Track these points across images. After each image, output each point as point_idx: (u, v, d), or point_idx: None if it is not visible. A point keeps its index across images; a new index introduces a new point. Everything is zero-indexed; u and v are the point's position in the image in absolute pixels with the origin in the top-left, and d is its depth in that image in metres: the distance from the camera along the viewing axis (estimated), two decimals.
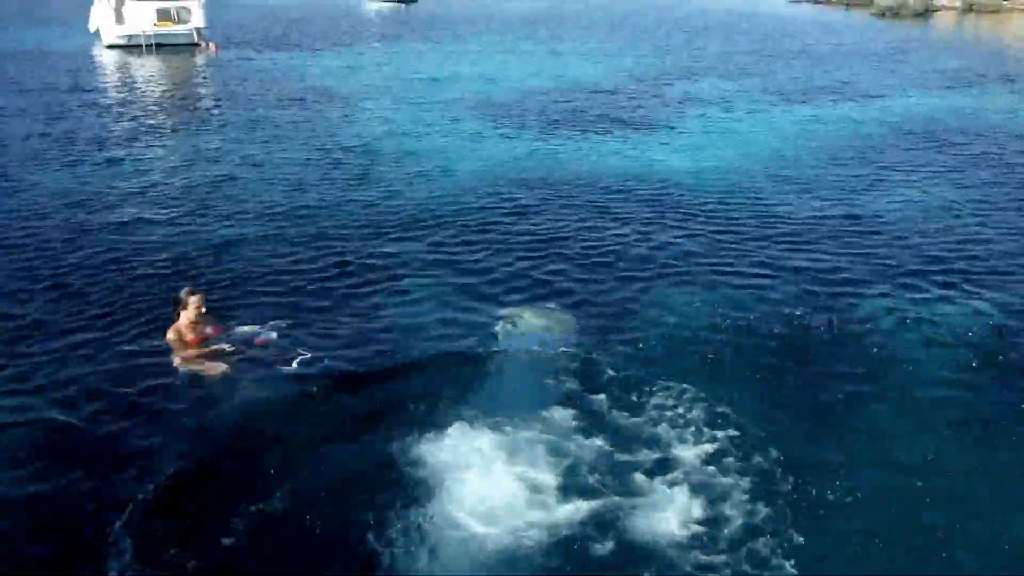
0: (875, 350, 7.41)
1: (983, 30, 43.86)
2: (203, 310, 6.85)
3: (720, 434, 5.97)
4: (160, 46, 29.81)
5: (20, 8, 51.88)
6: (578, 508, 5.27)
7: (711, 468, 5.64)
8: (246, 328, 7.18)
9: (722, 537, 5.03)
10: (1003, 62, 29.63)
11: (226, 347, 6.84)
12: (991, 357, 7.31)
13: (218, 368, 6.68)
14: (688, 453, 5.81)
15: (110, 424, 6.12)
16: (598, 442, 5.91)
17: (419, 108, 19.23)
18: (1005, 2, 53.63)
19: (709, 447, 5.85)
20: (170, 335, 6.85)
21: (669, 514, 5.22)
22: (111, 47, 30.05)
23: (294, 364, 6.78)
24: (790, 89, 22.67)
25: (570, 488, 5.44)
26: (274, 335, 7.10)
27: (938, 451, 5.95)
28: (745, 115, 18.85)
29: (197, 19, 31.03)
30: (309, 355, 6.88)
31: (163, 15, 30.60)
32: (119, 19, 30.12)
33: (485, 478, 5.51)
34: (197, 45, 30.41)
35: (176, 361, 6.75)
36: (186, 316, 6.78)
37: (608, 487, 5.46)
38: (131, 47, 29.68)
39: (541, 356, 7.19)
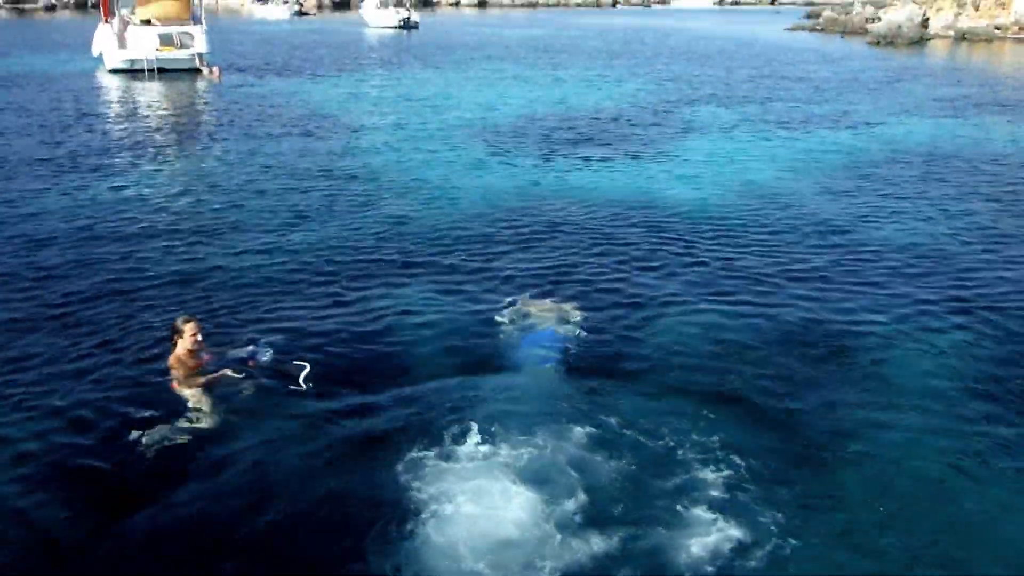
0: (879, 378, 7.43)
1: (976, 59, 44.35)
2: (199, 337, 6.88)
3: (726, 459, 5.98)
4: (162, 71, 30.02)
5: (25, 33, 52.29)
6: (588, 536, 5.23)
7: (717, 493, 5.63)
8: (244, 352, 7.20)
9: (729, 565, 5.01)
10: (997, 90, 29.95)
11: (228, 372, 6.91)
12: (994, 385, 7.33)
13: (216, 393, 6.73)
14: (696, 477, 5.80)
15: (109, 450, 6.12)
16: (606, 464, 5.91)
17: (420, 134, 19.37)
18: (997, 31, 54.30)
19: (717, 473, 5.84)
20: (171, 362, 6.89)
21: (685, 540, 5.20)
22: (114, 71, 30.26)
23: (299, 382, 6.84)
24: (790, 116, 22.89)
25: (582, 513, 5.42)
26: (267, 357, 7.10)
27: (947, 481, 5.97)
28: (745, 143, 19.01)
29: (199, 45, 31.27)
30: (303, 377, 6.89)
31: (165, 40, 30.84)
32: (122, 44, 30.35)
33: (491, 503, 5.48)
34: (199, 70, 30.60)
35: (176, 387, 6.79)
36: (184, 344, 6.84)
37: (620, 514, 5.45)
38: (134, 71, 29.89)
39: (546, 376, 7.23)
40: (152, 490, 5.70)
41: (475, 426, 6.28)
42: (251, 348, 7.24)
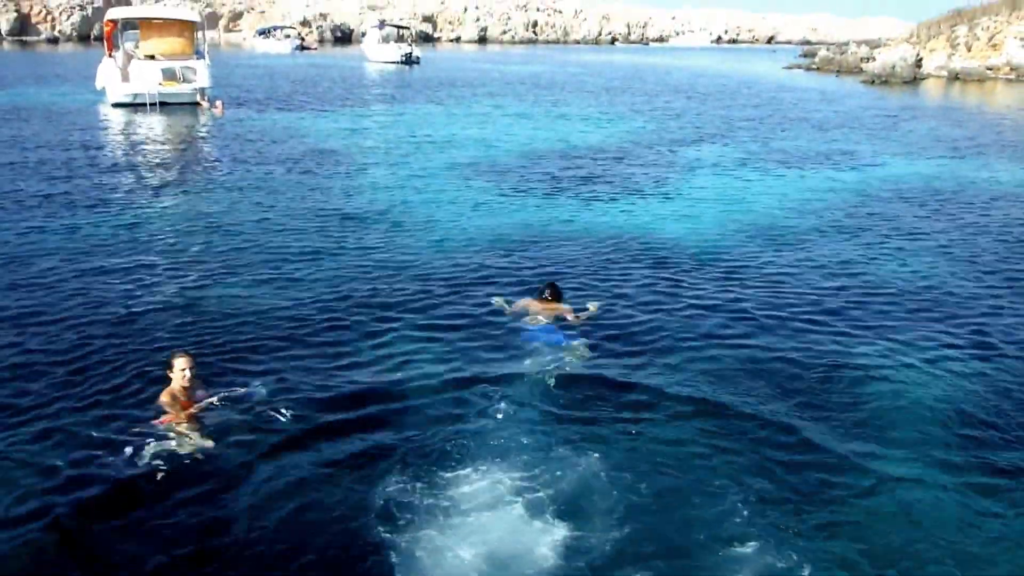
0: (884, 414, 7.47)
1: (970, 98, 44.87)
2: (191, 373, 6.89)
3: (725, 493, 6.08)
4: (164, 104, 30.19)
5: (29, 66, 52.68)
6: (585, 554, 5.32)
7: (719, 528, 5.70)
8: (239, 388, 7.24)
9: None
10: (994, 129, 30.28)
11: (216, 403, 6.94)
12: (1001, 420, 7.39)
13: (210, 429, 6.72)
14: (699, 514, 5.86)
15: (101, 485, 6.05)
16: (601, 487, 6.02)
17: (423, 171, 19.43)
18: (989, 71, 55.03)
19: (718, 507, 5.93)
20: (164, 398, 6.89)
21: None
22: (116, 105, 30.40)
23: (285, 418, 6.89)
24: (791, 155, 23.06)
25: (583, 537, 5.53)
26: (264, 392, 7.19)
27: (955, 514, 6.00)
28: (748, 181, 19.11)
29: (202, 79, 31.45)
30: (289, 414, 6.95)
31: (168, 75, 31.01)
32: (125, 78, 30.54)
33: (490, 535, 5.51)
34: (199, 104, 30.80)
35: (167, 421, 6.76)
36: (177, 379, 6.87)
37: (627, 541, 5.52)
38: (136, 105, 30.04)
39: (542, 411, 7.25)
40: (141, 522, 5.67)
41: (475, 457, 6.38)
42: (245, 390, 7.26)
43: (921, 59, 56.84)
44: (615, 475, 6.19)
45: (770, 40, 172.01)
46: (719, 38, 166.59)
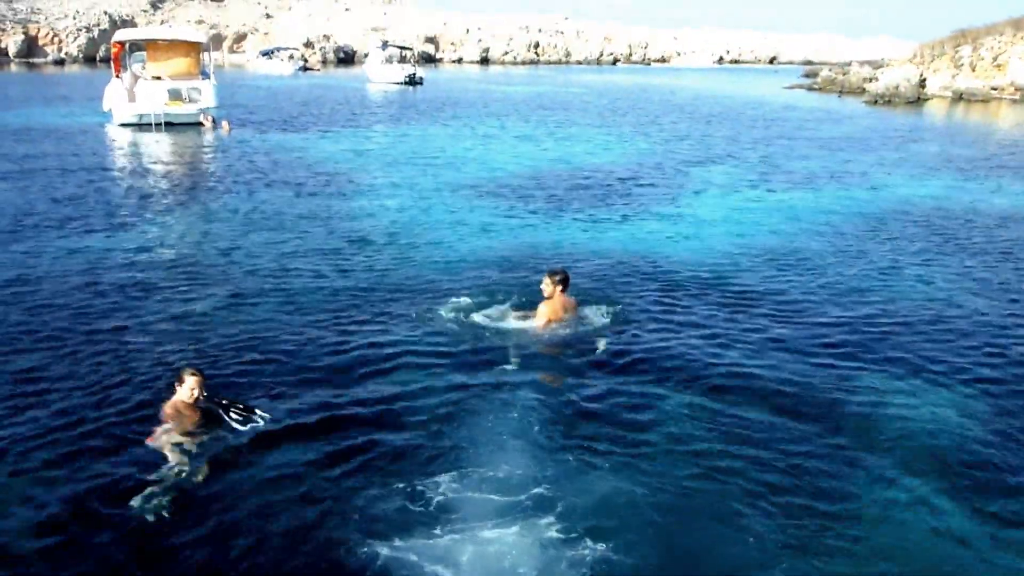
0: (883, 434, 7.40)
1: (975, 118, 44.89)
2: (198, 392, 6.99)
3: (731, 520, 6.05)
4: (169, 124, 30.26)
5: (36, 87, 52.96)
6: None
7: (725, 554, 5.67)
8: (241, 405, 7.20)
9: None
10: (999, 149, 30.21)
11: (219, 415, 6.97)
12: (997, 440, 7.34)
13: (213, 444, 6.76)
14: (705, 540, 5.84)
15: (103, 500, 6.05)
16: (603, 497, 6.13)
17: (427, 192, 19.36)
18: (994, 91, 55.11)
19: (725, 531, 5.91)
20: (168, 411, 6.93)
21: None
22: (123, 125, 30.48)
23: (280, 432, 6.94)
24: (799, 175, 22.98)
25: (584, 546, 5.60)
26: (265, 419, 7.13)
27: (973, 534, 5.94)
28: (753, 201, 19.01)
29: (208, 99, 31.54)
30: (287, 430, 6.99)
31: (174, 95, 31.08)
32: (131, 98, 30.61)
33: (495, 546, 5.58)
34: (202, 124, 30.85)
35: (173, 437, 6.74)
36: (184, 395, 6.94)
37: (627, 554, 5.57)
38: (141, 125, 30.11)
39: (550, 421, 7.32)
40: (145, 537, 5.68)
41: (481, 469, 6.49)
42: (253, 403, 7.31)
43: (925, 79, 56.96)
44: (620, 489, 6.26)
45: (772, 60, 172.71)
46: (721, 58, 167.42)
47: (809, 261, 13.57)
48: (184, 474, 6.34)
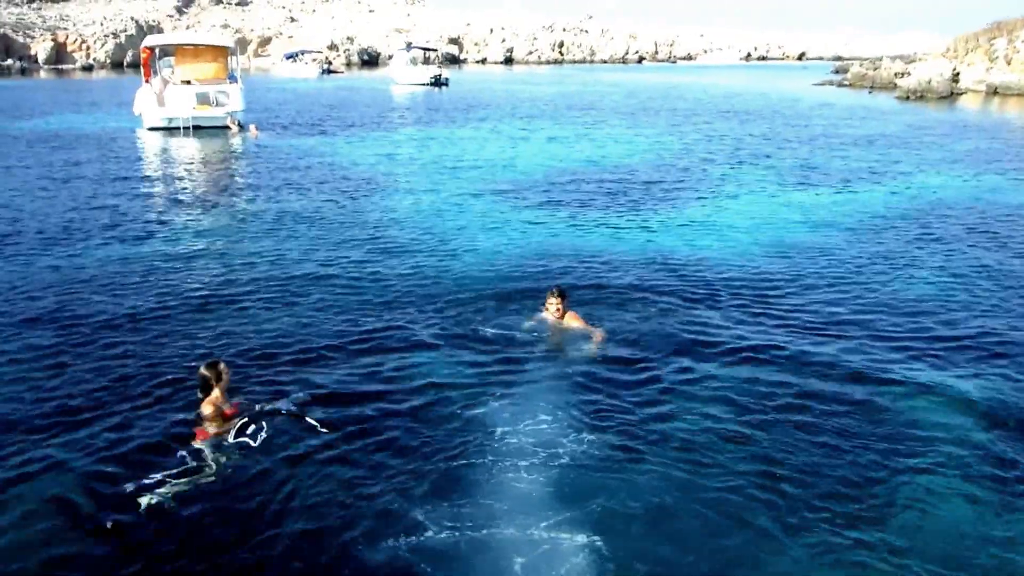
0: (909, 429, 7.29)
1: (1010, 113, 43.89)
2: (228, 379, 7.18)
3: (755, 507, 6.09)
4: (198, 128, 30.41)
5: (66, 93, 53.57)
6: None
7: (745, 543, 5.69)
8: (276, 401, 7.39)
9: None
10: None
11: (256, 411, 7.03)
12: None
13: (249, 438, 6.80)
14: (725, 532, 5.83)
15: (130, 497, 6.08)
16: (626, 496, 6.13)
17: (452, 192, 19.15)
18: None
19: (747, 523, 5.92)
20: (207, 409, 6.96)
21: None
22: (152, 129, 30.66)
23: (318, 428, 7.01)
24: (837, 174, 22.48)
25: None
26: (302, 396, 7.48)
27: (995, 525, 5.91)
28: (793, 202, 18.58)
29: (235, 103, 31.67)
30: (322, 425, 7.06)
31: (202, 99, 31.27)
32: (161, 103, 30.79)
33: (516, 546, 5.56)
34: (228, 127, 30.97)
35: (211, 432, 6.82)
36: (219, 390, 7.03)
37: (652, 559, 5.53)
38: (171, 129, 30.28)
39: (567, 420, 7.29)
40: (178, 538, 5.70)
41: (501, 465, 6.51)
42: (285, 396, 7.46)
43: (958, 73, 55.87)
44: (641, 492, 6.22)
45: (801, 56, 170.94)
46: (748, 55, 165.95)
47: (849, 265, 13.15)
48: (215, 471, 6.40)
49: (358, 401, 7.65)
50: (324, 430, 6.97)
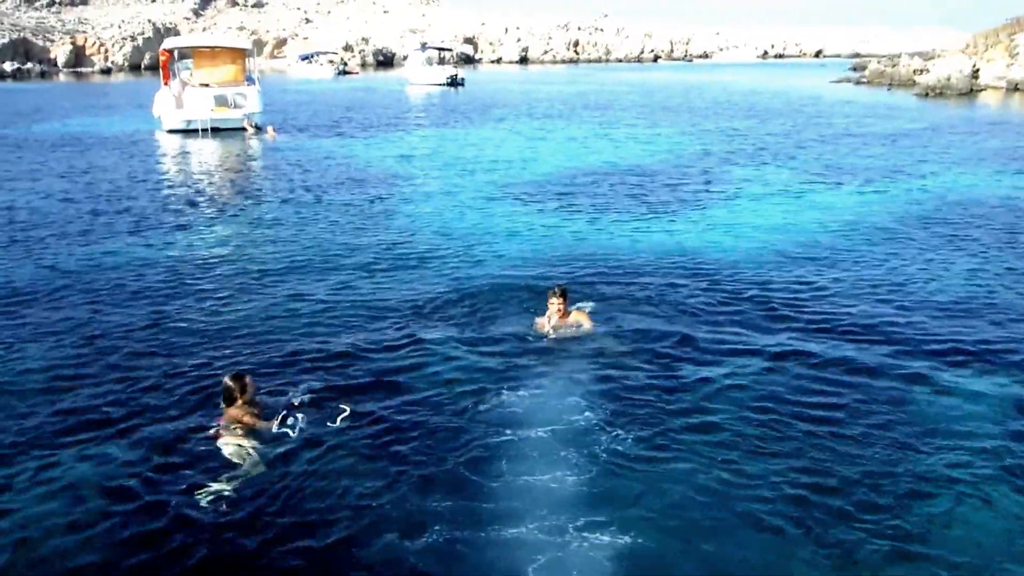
0: (944, 438, 7.10)
1: None
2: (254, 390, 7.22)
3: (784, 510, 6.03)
4: (216, 130, 30.57)
5: (86, 96, 53.97)
6: None
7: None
8: (288, 399, 7.49)
9: None
10: None
11: (283, 420, 6.99)
12: None
13: (275, 444, 6.82)
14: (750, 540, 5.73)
15: (184, 502, 6.13)
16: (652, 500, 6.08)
17: (471, 194, 19.08)
18: None
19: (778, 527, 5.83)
20: (232, 415, 6.97)
21: None
22: (171, 131, 30.81)
23: (336, 421, 7.11)
24: (859, 174, 22.21)
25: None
26: (307, 398, 7.53)
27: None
28: (810, 200, 18.37)
29: (252, 104, 31.78)
30: (340, 418, 7.15)
31: (220, 101, 31.43)
32: (179, 105, 30.94)
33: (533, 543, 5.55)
34: (245, 129, 31.07)
35: (237, 438, 6.79)
36: (246, 397, 7.05)
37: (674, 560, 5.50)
38: (189, 131, 30.42)
39: (584, 424, 7.21)
40: (212, 543, 5.69)
41: (521, 464, 6.51)
42: (292, 396, 7.53)
43: (978, 70, 55.22)
44: (659, 495, 6.17)
45: (818, 54, 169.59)
46: (765, 53, 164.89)
47: (879, 267, 12.97)
48: (240, 472, 6.42)
49: (376, 400, 7.66)
50: (343, 412, 7.17)
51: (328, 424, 7.08)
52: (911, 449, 6.85)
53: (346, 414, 7.17)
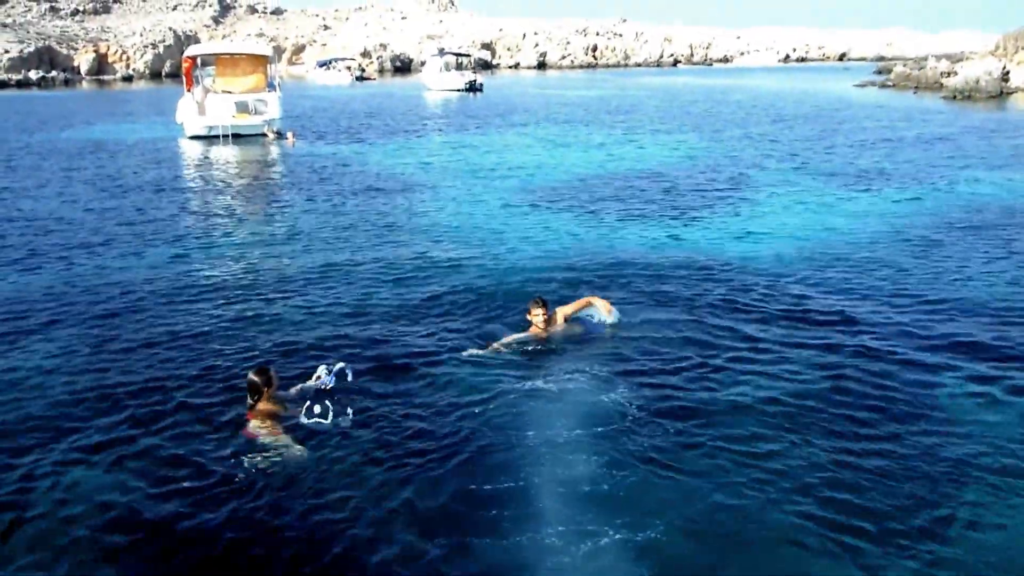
0: (972, 444, 6.89)
1: None
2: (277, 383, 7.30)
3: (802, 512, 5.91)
4: (237, 136, 30.54)
5: (108, 103, 54.33)
6: None
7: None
8: (314, 383, 7.52)
9: None
10: None
11: (309, 410, 7.02)
12: None
13: (320, 417, 6.96)
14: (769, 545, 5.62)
15: (207, 499, 6.13)
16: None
17: (492, 199, 18.75)
18: None
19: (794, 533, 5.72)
20: (261, 410, 7.02)
21: None
22: (193, 138, 30.80)
23: (350, 414, 7.13)
24: (893, 181, 21.66)
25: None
26: (342, 368, 7.62)
27: None
28: (845, 208, 17.83)
29: (273, 111, 31.72)
30: (351, 416, 7.16)
31: (241, 107, 31.39)
32: (201, 111, 30.93)
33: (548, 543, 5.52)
34: (265, 135, 30.94)
35: (263, 434, 6.85)
36: (272, 390, 7.13)
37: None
38: (211, 137, 30.37)
39: (603, 430, 7.08)
40: (249, 537, 5.70)
41: (536, 465, 6.46)
42: (314, 386, 7.48)
43: (1008, 72, 54.20)
44: (682, 496, 6.10)
45: (842, 57, 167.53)
46: (787, 56, 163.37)
47: (877, 259, 12.83)
48: (272, 463, 6.50)
49: (393, 404, 7.64)
50: (347, 412, 7.12)
51: (339, 423, 7.05)
52: (952, 465, 6.53)
53: (348, 414, 7.13)
